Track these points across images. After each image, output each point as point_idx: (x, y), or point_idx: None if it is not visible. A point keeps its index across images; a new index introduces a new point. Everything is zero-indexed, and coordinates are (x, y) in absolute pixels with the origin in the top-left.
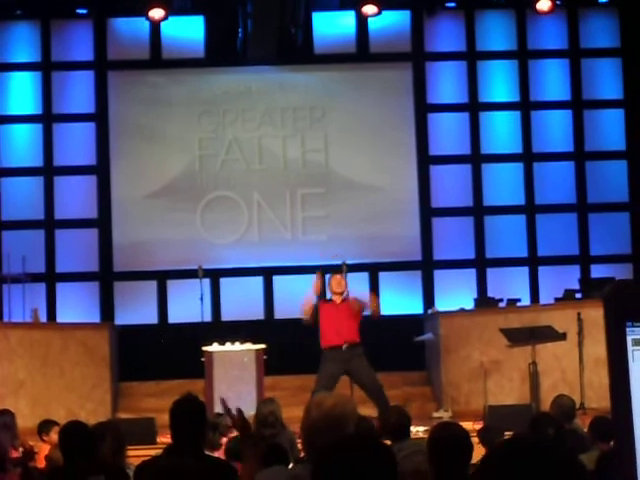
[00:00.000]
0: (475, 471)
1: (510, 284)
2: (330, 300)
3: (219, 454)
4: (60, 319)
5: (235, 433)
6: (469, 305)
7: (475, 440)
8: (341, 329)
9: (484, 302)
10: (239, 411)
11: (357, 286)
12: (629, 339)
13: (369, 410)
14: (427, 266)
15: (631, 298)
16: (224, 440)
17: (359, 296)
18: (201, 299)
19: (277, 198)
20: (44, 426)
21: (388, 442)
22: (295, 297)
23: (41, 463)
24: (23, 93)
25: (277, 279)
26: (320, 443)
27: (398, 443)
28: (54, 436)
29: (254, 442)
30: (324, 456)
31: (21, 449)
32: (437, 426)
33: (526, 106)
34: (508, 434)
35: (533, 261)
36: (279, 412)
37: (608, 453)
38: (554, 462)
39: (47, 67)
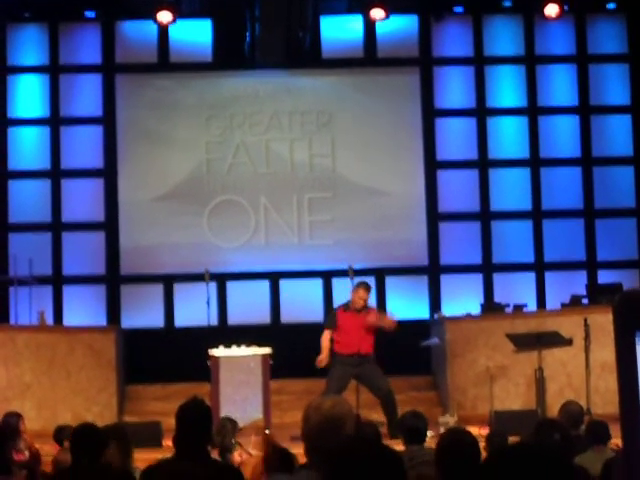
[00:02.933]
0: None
1: (517, 289)
2: (348, 309)
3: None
4: (67, 322)
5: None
6: (475, 310)
7: (483, 446)
8: (356, 340)
9: (490, 307)
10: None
11: None
12: (638, 348)
13: (376, 415)
14: (434, 271)
15: None
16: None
17: (379, 315)
18: (207, 303)
19: (284, 202)
20: (66, 430)
21: (401, 446)
22: (302, 301)
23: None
24: (31, 96)
25: (284, 283)
26: (322, 446)
27: (412, 447)
28: None
29: None
30: (333, 462)
31: (27, 452)
32: (446, 433)
33: (533, 111)
34: (513, 439)
35: (540, 266)
36: None
37: (615, 459)
38: (552, 466)
39: (55, 70)
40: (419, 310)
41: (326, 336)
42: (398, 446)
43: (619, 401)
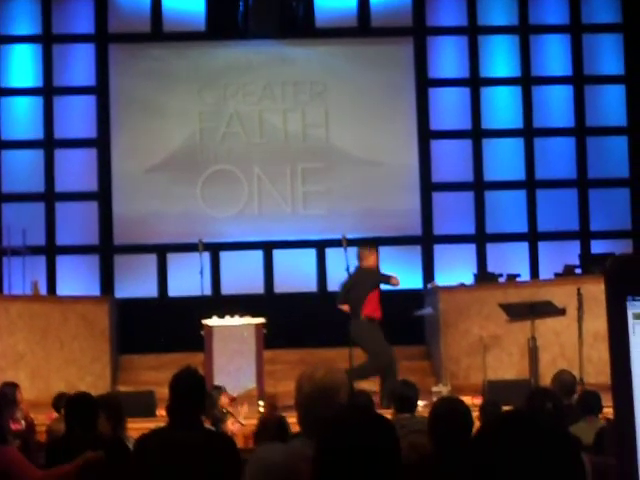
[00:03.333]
0: (470, 443)
1: (510, 259)
2: None
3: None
4: (60, 292)
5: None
6: (469, 280)
7: (476, 415)
8: (380, 303)
9: (484, 277)
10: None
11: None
12: (630, 313)
13: (367, 384)
14: (427, 241)
15: (632, 272)
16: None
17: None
18: (201, 273)
19: (277, 172)
20: (65, 398)
21: (389, 415)
22: (295, 271)
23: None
24: (24, 66)
25: (277, 253)
26: (315, 415)
27: (402, 415)
28: None
29: None
30: (326, 430)
31: (23, 422)
32: (439, 401)
33: (527, 81)
34: (507, 409)
35: (533, 236)
36: None
37: (607, 426)
38: (546, 434)
39: (48, 40)
40: (412, 280)
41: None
42: (389, 415)
43: (610, 367)
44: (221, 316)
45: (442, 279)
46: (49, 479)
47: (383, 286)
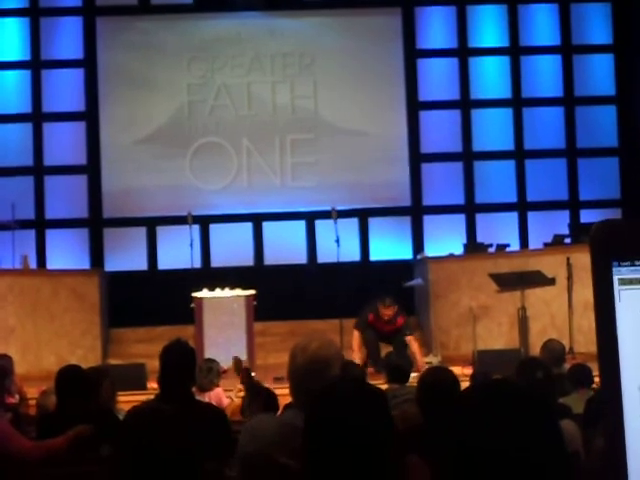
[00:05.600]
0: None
1: (499, 229)
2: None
3: (215, 395)
4: (50, 266)
5: (229, 378)
6: (458, 250)
7: (466, 385)
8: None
9: (473, 247)
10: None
11: (347, 232)
12: (615, 279)
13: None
14: (416, 212)
15: (617, 238)
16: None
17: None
18: (191, 245)
19: (266, 144)
20: None
21: (384, 385)
22: (284, 243)
23: None
24: (11, 39)
25: (266, 225)
26: (308, 387)
27: (393, 385)
28: None
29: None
30: (317, 402)
31: (17, 395)
32: (427, 371)
33: (516, 51)
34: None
35: (522, 206)
36: None
37: (596, 396)
38: (522, 400)
39: (35, 13)
40: (402, 251)
41: (356, 338)
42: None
43: (596, 334)
44: (211, 288)
45: (432, 250)
46: (39, 450)
47: (373, 256)
